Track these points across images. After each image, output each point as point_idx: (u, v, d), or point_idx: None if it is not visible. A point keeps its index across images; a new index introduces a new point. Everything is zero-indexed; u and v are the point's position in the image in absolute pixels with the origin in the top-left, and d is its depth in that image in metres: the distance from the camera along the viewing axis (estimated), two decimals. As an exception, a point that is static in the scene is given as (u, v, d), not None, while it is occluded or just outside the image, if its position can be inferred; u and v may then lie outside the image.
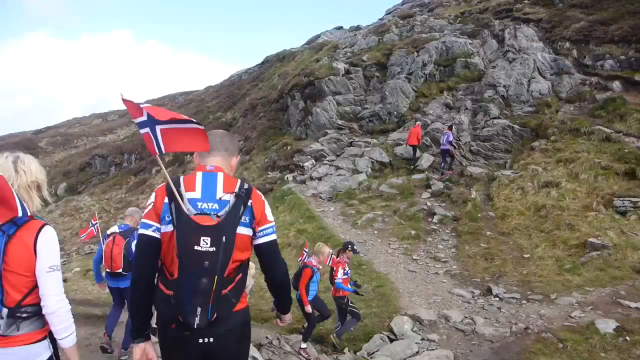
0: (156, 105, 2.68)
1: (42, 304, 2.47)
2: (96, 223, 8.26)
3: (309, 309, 7.55)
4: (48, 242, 2.49)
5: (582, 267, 11.00)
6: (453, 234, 14.35)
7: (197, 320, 2.30)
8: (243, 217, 2.46)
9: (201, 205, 2.43)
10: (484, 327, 8.89)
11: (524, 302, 9.98)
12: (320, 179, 19.60)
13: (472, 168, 17.96)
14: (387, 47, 28.03)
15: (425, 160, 19.12)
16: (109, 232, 6.53)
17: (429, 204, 16.16)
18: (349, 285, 8.31)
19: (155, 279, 2.52)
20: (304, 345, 7.59)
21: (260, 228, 2.54)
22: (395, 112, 23.01)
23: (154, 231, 2.45)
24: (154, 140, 2.51)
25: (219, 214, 2.40)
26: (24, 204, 2.46)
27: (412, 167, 19.36)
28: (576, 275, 10.75)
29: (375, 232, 14.94)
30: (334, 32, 48.28)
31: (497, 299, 10.36)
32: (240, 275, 2.50)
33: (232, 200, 2.45)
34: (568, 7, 24.66)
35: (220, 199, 2.46)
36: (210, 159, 2.65)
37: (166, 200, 2.44)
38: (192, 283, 2.27)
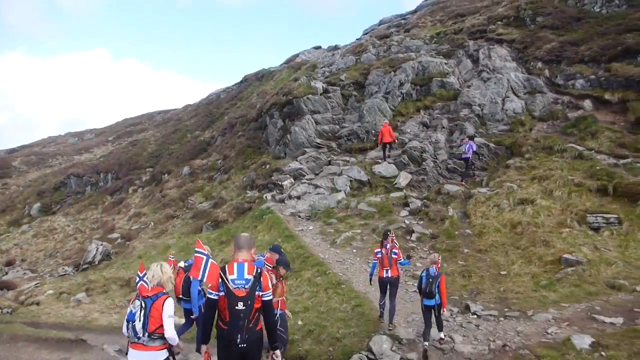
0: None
1: (164, 333, 5.24)
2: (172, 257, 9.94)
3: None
4: (168, 305, 5.28)
5: (557, 283, 11.15)
6: (431, 251, 14.42)
7: (239, 340, 4.71)
8: (257, 287, 4.81)
9: (237, 282, 4.77)
10: (462, 345, 8.92)
11: (502, 319, 10.05)
12: (299, 197, 19.58)
13: (449, 186, 18.13)
14: (364, 66, 28.38)
15: (403, 178, 19.25)
16: (178, 265, 8.60)
17: (407, 222, 16.24)
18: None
19: (215, 319, 4.98)
20: (442, 335, 9.12)
21: (263, 293, 4.87)
22: (373, 131, 23.19)
23: (214, 296, 4.83)
24: (201, 268, 5.25)
25: (247, 286, 4.76)
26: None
27: (383, 160, 20.65)
28: (552, 291, 10.89)
29: (354, 250, 14.94)
30: (312, 52, 48.70)
31: (475, 316, 10.42)
32: (258, 314, 4.88)
33: (252, 279, 4.80)
34: (539, 28, 25.30)
35: (246, 278, 4.80)
36: (240, 254, 4.99)
37: (220, 280, 4.82)
38: (236, 323, 4.71)
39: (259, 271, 4.85)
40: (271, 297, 4.94)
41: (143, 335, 5.19)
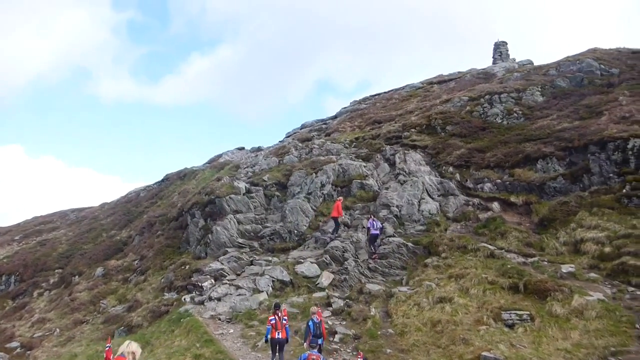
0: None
1: None
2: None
3: None
4: None
5: (478, 382, 11.24)
6: (354, 352, 14.21)
7: None
8: None
9: None
10: None
11: (426, 421, 9.89)
12: (219, 299, 18.95)
13: (370, 285, 18.30)
14: (287, 167, 29.08)
15: (326, 278, 19.25)
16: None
17: (330, 322, 16.04)
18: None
19: None
20: None
21: None
22: (295, 231, 23.37)
23: None
24: None
25: None
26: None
27: (333, 237, 21.64)
28: (473, 390, 10.94)
29: (276, 354, 14.42)
30: (236, 152, 49.34)
31: (400, 420, 10.20)
32: None
33: None
34: (449, 136, 27.39)
35: None
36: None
37: None
38: None
39: None
40: None
41: None
